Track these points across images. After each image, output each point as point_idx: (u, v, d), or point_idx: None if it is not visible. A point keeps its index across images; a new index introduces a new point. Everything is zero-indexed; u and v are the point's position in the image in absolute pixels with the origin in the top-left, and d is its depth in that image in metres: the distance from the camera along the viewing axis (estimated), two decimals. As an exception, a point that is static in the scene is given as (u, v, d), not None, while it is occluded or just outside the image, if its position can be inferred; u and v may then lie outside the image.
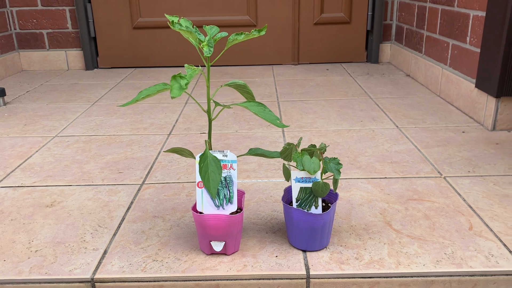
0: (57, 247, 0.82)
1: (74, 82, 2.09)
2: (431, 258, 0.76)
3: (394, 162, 1.15)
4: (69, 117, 1.58)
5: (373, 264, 0.75)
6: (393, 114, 1.53)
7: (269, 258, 0.78)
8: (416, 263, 0.75)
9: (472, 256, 0.77)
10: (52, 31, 2.32)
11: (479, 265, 0.75)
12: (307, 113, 1.56)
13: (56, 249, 0.81)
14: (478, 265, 0.75)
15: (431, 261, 0.76)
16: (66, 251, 0.81)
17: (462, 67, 1.54)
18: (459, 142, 1.27)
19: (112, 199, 0.99)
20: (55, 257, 0.79)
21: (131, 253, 0.80)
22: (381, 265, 0.75)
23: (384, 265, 0.75)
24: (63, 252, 0.80)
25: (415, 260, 0.76)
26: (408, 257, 0.77)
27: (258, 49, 2.35)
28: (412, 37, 2.04)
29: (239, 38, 0.67)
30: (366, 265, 0.75)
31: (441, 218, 0.89)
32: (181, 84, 0.58)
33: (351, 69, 2.23)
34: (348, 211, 0.92)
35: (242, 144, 1.29)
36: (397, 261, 0.76)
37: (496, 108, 1.33)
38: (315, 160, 0.75)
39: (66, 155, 1.24)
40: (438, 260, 0.76)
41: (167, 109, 1.64)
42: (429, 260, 0.76)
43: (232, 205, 0.76)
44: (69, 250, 0.81)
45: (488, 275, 0.74)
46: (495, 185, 1.02)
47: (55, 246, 0.82)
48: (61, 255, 0.79)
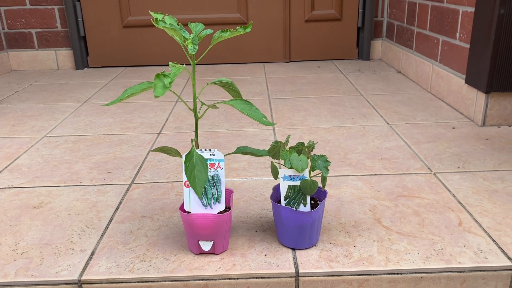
0: (44, 248, 0.81)
1: (63, 82, 2.07)
2: (420, 255, 0.76)
3: (384, 158, 1.15)
4: (58, 117, 1.56)
5: (362, 262, 0.75)
6: (384, 110, 1.53)
7: (258, 257, 0.77)
8: (405, 259, 0.75)
9: (461, 252, 0.77)
10: (41, 30, 2.30)
11: (468, 261, 0.75)
12: (298, 110, 1.56)
13: (43, 251, 0.80)
14: (467, 261, 0.74)
15: (420, 258, 0.76)
16: (53, 253, 0.80)
17: (452, 63, 1.54)
18: (449, 138, 1.27)
19: (100, 199, 0.99)
20: (41, 259, 0.78)
21: (118, 254, 0.79)
22: (370, 262, 0.75)
23: (373, 262, 0.75)
24: (50, 253, 0.79)
25: (404, 256, 0.76)
26: (397, 254, 0.77)
27: (250, 47, 2.34)
28: (403, 34, 2.04)
29: (224, 35, 0.66)
30: (355, 262, 0.75)
31: (431, 214, 0.89)
32: (164, 82, 0.58)
33: (343, 66, 2.23)
34: (337, 208, 0.92)
35: (232, 143, 1.29)
36: (387, 258, 0.76)
37: (485, 104, 1.33)
38: (303, 158, 0.75)
39: (55, 156, 1.23)
40: (427, 256, 0.76)
41: (157, 108, 1.63)
42: (418, 256, 0.76)
43: (220, 204, 0.76)
44: (56, 251, 0.80)
45: (477, 271, 0.74)
46: (485, 181, 1.02)
47: (42, 247, 0.81)
48: (48, 257, 0.79)
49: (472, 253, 0.77)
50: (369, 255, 0.77)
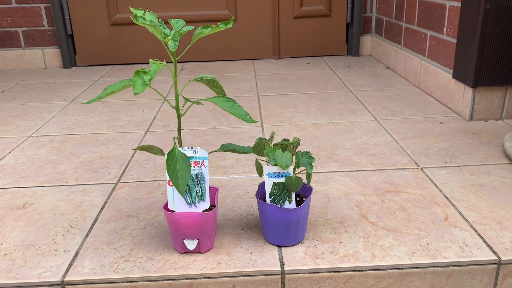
0: (27, 250, 0.80)
1: (51, 81, 2.05)
2: (406, 250, 0.76)
3: (372, 154, 1.15)
4: (45, 116, 1.55)
5: (348, 258, 0.75)
6: (372, 106, 1.53)
7: (244, 254, 0.77)
8: (391, 255, 0.75)
9: (447, 247, 0.77)
10: (28, 29, 2.27)
11: (453, 255, 0.75)
12: (286, 107, 1.55)
13: (26, 252, 0.79)
14: (453, 256, 0.74)
15: (406, 253, 0.75)
16: (36, 254, 0.79)
17: (439, 58, 1.55)
18: (437, 133, 1.27)
19: (85, 199, 0.97)
20: (24, 260, 0.77)
21: (103, 254, 0.78)
22: (356, 258, 0.75)
23: (359, 258, 0.75)
24: (33, 255, 0.78)
25: (390, 252, 0.76)
26: (383, 250, 0.77)
27: (239, 44, 2.33)
28: (392, 29, 2.04)
29: (205, 32, 0.65)
30: (341, 259, 0.75)
31: (417, 209, 0.89)
32: (144, 79, 0.57)
33: (332, 62, 2.23)
34: (324, 204, 0.91)
35: (220, 140, 1.28)
36: (372, 254, 0.76)
37: (473, 98, 1.34)
38: (288, 154, 0.74)
39: (40, 156, 1.21)
40: (413, 252, 0.76)
41: (145, 106, 1.62)
42: (404, 252, 0.76)
43: (205, 203, 0.75)
44: (39, 252, 0.79)
45: (463, 265, 0.74)
46: (471, 175, 1.02)
47: (25, 249, 0.80)
48: (31, 258, 0.77)
49: (457, 247, 0.77)
50: (355, 251, 0.76)
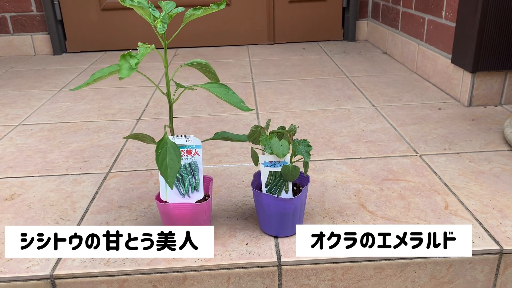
0: (14, 243, 0.77)
1: (40, 68, 2.00)
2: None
3: (370, 141, 1.12)
4: (34, 104, 1.51)
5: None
6: (369, 92, 1.50)
7: (239, 246, 0.74)
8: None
9: (447, 236, 0.75)
10: (16, 14, 2.21)
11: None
12: (282, 94, 1.52)
13: (13, 245, 0.76)
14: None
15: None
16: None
17: (438, 43, 1.51)
18: (435, 119, 1.25)
19: (76, 189, 0.95)
20: (12, 253, 0.74)
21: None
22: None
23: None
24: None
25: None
26: (382, 240, 0.74)
27: (234, 29, 2.28)
28: (389, 14, 2.00)
29: (196, 13, 0.62)
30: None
31: (417, 197, 0.87)
32: (130, 63, 0.54)
33: (328, 47, 2.19)
34: (321, 193, 0.89)
35: (214, 128, 1.25)
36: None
37: (472, 84, 1.31)
38: (284, 143, 0.72)
39: (29, 145, 1.18)
40: (413, 241, 0.74)
41: (137, 93, 1.58)
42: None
43: (198, 193, 0.72)
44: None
45: (464, 255, 0.72)
46: (471, 162, 1.00)
47: (13, 242, 0.77)
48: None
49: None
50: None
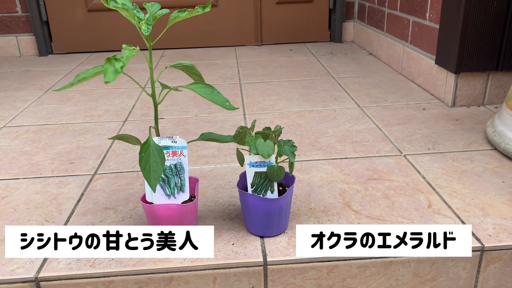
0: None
1: (26, 69, 1.98)
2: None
3: (355, 141, 1.13)
4: (19, 106, 1.49)
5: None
6: (355, 93, 1.51)
7: (226, 246, 0.75)
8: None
9: (430, 234, 0.76)
10: (0, 15, 2.18)
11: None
12: (269, 95, 1.53)
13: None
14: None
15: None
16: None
17: (422, 44, 1.54)
18: (420, 119, 1.27)
19: (61, 191, 0.94)
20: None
21: (79, 248, 0.75)
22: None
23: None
24: (5, 251, 0.75)
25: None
26: (367, 239, 0.75)
27: (221, 31, 2.29)
28: (374, 15, 2.02)
29: (181, 15, 0.62)
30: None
31: (401, 197, 0.88)
32: (116, 67, 0.54)
33: (315, 49, 2.21)
34: (307, 193, 0.90)
35: (201, 129, 1.25)
36: (356, 243, 0.74)
37: (455, 84, 1.33)
38: (269, 143, 0.72)
39: (14, 147, 1.17)
40: (396, 240, 0.75)
41: (124, 95, 1.57)
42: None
43: (184, 194, 0.73)
44: (12, 248, 0.76)
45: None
46: (454, 161, 1.01)
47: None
48: (3, 254, 0.74)
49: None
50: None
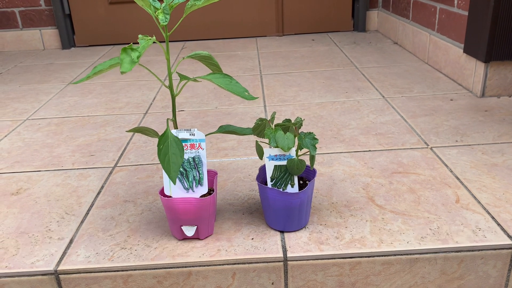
0: (20, 238, 0.77)
1: (49, 62, 2.00)
2: (416, 235, 0.72)
3: (379, 134, 1.10)
4: (42, 98, 1.51)
5: (354, 243, 0.71)
6: (380, 83, 1.47)
7: (245, 241, 0.73)
8: (400, 240, 0.71)
9: (458, 231, 0.73)
10: (25, 9, 2.21)
11: (465, 240, 0.71)
12: (290, 86, 1.50)
13: (19, 240, 0.76)
14: (465, 240, 0.71)
15: (415, 238, 0.72)
16: (30, 242, 0.76)
17: (450, 32, 1.48)
18: (447, 110, 1.22)
19: (81, 184, 0.94)
20: (17, 248, 0.74)
21: (98, 241, 0.75)
22: (362, 244, 0.71)
23: (366, 244, 0.71)
24: (26, 243, 0.75)
25: (399, 237, 0.72)
26: (391, 234, 0.73)
27: (242, 21, 2.26)
28: (399, 3, 1.96)
29: (198, 4, 0.60)
30: (347, 244, 0.71)
31: (427, 191, 0.84)
32: (132, 57, 0.52)
33: (338, 38, 2.16)
34: (329, 187, 0.87)
35: (221, 121, 1.24)
36: (380, 239, 0.72)
37: (485, 74, 1.28)
38: (290, 136, 0.70)
39: (36, 139, 1.18)
40: (422, 236, 0.72)
41: (144, 87, 1.57)
42: (413, 236, 0.72)
43: (203, 187, 0.71)
44: (32, 240, 0.76)
45: (475, 250, 0.70)
46: (484, 154, 0.97)
47: (18, 237, 0.77)
48: (24, 247, 0.75)
49: (470, 231, 0.72)
50: (362, 236, 0.73)
